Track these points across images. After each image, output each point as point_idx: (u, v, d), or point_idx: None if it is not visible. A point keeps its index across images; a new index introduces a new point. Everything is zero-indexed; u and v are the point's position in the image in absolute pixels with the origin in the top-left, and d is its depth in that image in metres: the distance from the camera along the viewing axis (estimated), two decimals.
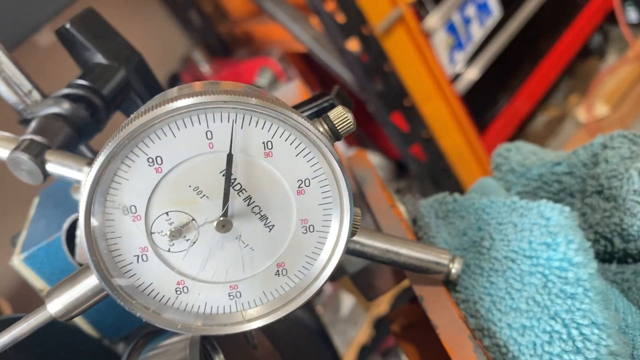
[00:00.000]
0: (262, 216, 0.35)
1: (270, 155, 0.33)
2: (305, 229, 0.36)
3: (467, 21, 2.78)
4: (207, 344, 0.40)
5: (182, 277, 0.35)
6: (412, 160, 2.47)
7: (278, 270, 0.37)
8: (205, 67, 2.67)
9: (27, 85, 0.52)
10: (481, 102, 3.19)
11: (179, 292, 0.36)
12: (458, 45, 2.80)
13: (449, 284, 0.50)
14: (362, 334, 2.54)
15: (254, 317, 0.37)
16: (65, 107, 0.51)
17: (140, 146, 0.31)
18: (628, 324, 0.43)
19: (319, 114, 0.43)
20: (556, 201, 0.55)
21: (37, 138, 0.48)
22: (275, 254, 0.36)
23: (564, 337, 0.39)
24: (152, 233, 0.34)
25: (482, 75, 3.04)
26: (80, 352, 0.54)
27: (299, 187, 0.35)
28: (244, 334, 0.47)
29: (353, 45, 2.17)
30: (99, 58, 0.56)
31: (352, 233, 0.36)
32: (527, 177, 0.57)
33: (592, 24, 3.36)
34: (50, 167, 0.48)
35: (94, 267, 0.33)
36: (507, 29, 2.97)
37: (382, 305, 2.53)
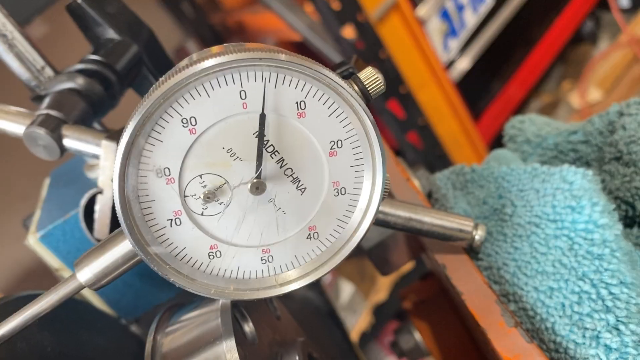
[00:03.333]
0: (294, 179, 0.35)
1: (303, 115, 0.33)
2: (337, 192, 0.36)
3: (460, 8, 2.77)
4: (236, 312, 0.39)
5: (215, 241, 0.35)
6: (408, 148, 2.47)
7: (310, 234, 0.36)
8: None
9: (40, 62, 0.52)
10: (475, 89, 3.20)
11: (211, 257, 0.35)
12: (452, 32, 2.79)
13: (471, 252, 0.50)
14: (362, 321, 2.54)
15: (287, 281, 0.37)
16: (79, 82, 0.50)
17: (175, 106, 0.31)
18: None
19: None
20: None
21: (53, 113, 0.48)
22: (307, 217, 0.36)
23: (593, 297, 0.39)
24: (185, 196, 0.33)
25: (476, 62, 3.04)
26: (97, 330, 0.53)
27: (331, 149, 0.34)
28: (268, 305, 0.47)
29: (348, 32, 2.16)
30: (111, 33, 0.55)
31: (383, 196, 0.36)
32: (543, 146, 0.57)
33: (584, 10, 3.37)
34: (67, 142, 0.47)
35: (127, 231, 0.32)
36: (500, 15, 2.97)
37: (381, 292, 2.53)
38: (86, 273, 0.36)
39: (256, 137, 0.33)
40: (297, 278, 0.37)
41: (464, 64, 2.98)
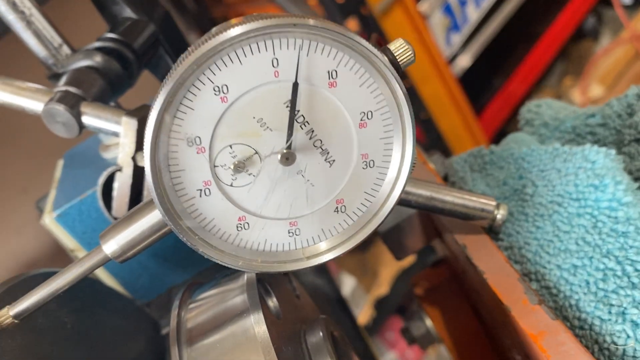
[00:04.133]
0: (323, 150, 0.34)
1: (335, 85, 0.33)
2: (366, 164, 0.35)
3: (463, 3, 2.77)
4: (260, 287, 0.39)
5: (244, 212, 0.35)
6: None
7: (337, 207, 0.36)
8: None
9: (57, 39, 0.51)
10: (477, 85, 3.20)
11: (239, 229, 0.35)
12: (454, 26, 2.79)
13: (491, 232, 0.50)
14: (364, 315, 2.54)
15: (314, 254, 0.36)
16: (97, 59, 0.50)
17: (207, 73, 0.31)
18: None
19: None
20: None
21: (72, 89, 0.48)
22: (335, 190, 0.36)
23: (619, 273, 0.39)
24: (215, 166, 0.33)
25: (478, 57, 3.04)
26: (113, 310, 0.53)
27: (361, 120, 0.34)
28: (289, 284, 0.46)
29: (352, 25, 2.16)
30: (128, 12, 0.55)
31: (412, 169, 0.36)
32: (561, 130, 0.57)
33: (586, 6, 3.37)
34: (86, 119, 0.47)
35: (158, 201, 0.32)
36: (502, 11, 2.96)
37: (383, 286, 2.54)
38: (112, 245, 0.36)
39: (287, 106, 0.33)
40: (325, 251, 0.37)
41: (466, 59, 2.98)
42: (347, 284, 2.48)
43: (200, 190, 0.34)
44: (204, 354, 0.36)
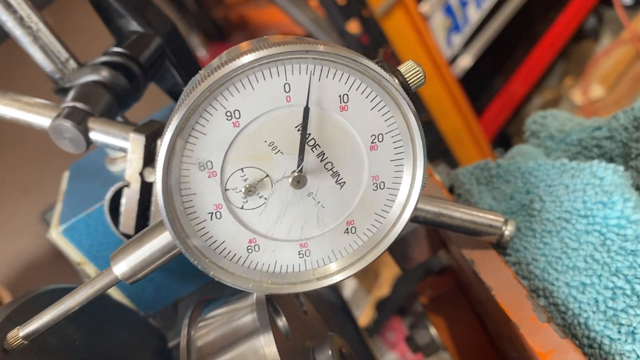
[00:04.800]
0: (334, 173, 0.34)
1: (346, 109, 0.33)
2: (376, 186, 0.35)
3: (464, 4, 2.77)
4: (269, 306, 0.39)
5: (255, 235, 0.35)
6: None
7: (347, 229, 0.36)
8: (202, 52, 2.64)
9: (64, 54, 0.51)
10: (478, 86, 3.20)
11: (250, 251, 0.35)
12: (455, 27, 2.79)
13: (498, 247, 0.50)
14: (365, 316, 2.54)
15: (324, 275, 0.37)
16: (104, 74, 0.50)
17: (220, 99, 0.31)
18: None
19: None
20: None
21: (79, 105, 0.48)
22: (345, 211, 0.36)
23: (628, 292, 0.39)
24: (226, 189, 0.33)
25: (479, 58, 3.04)
26: (120, 324, 0.53)
27: (372, 143, 0.34)
28: (296, 300, 0.46)
29: (353, 27, 2.15)
30: (134, 26, 0.55)
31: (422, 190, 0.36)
32: (567, 142, 0.57)
33: (586, 7, 3.36)
34: (94, 135, 0.47)
35: (169, 224, 0.32)
36: (503, 12, 2.96)
37: (384, 288, 2.54)
38: (122, 266, 0.36)
39: (298, 130, 0.33)
40: (335, 272, 0.37)
41: (466, 60, 2.98)
42: (348, 285, 2.49)
43: (212, 213, 0.34)
44: None
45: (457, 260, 0.57)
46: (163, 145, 0.30)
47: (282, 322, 0.40)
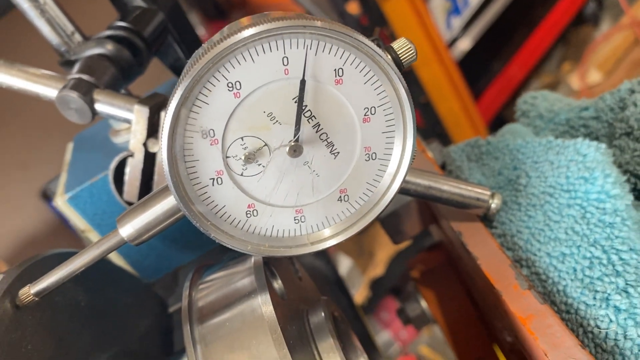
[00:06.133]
0: (328, 143, 0.37)
1: (340, 82, 0.35)
2: (368, 157, 0.37)
3: None
4: (266, 270, 0.41)
5: (253, 200, 0.37)
6: None
7: (340, 196, 0.38)
8: (201, 30, 2.64)
9: (69, 27, 0.53)
10: (476, 69, 3.19)
11: (249, 215, 0.37)
12: (455, 10, 2.78)
13: (485, 220, 0.52)
14: (359, 295, 2.58)
15: (318, 239, 0.39)
16: (109, 47, 0.52)
17: (222, 70, 0.33)
18: None
19: None
20: None
21: (85, 77, 0.49)
22: (338, 180, 0.38)
23: (604, 262, 0.42)
24: (227, 157, 0.35)
25: (478, 41, 3.03)
26: (123, 289, 0.56)
27: (364, 115, 0.36)
28: (291, 266, 0.49)
29: (353, 7, 2.15)
30: (138, 1, 0.56)
31: (412, 162, 0.38)
32: (555, 122, 0.59)
33: None
34: (99, 106, 0.49)
35: (173, 189, 0.34)
36: None
37: (379, 267, 2.57)
38: (128, 228, 0.38)
39: (295, 102, 0.34)
40: (328, 237, 0.39)
41: (466, 43, 2.98)
42: (344, 265, 2.52)
43: (213, 179, 0.36)
44: (213, 331, 0.38)
45: (446, 233, 0.59)
46: (168, 114, 0.32)
47: (278, 284, 0.43)
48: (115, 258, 0.60)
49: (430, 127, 2.54)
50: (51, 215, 3.09)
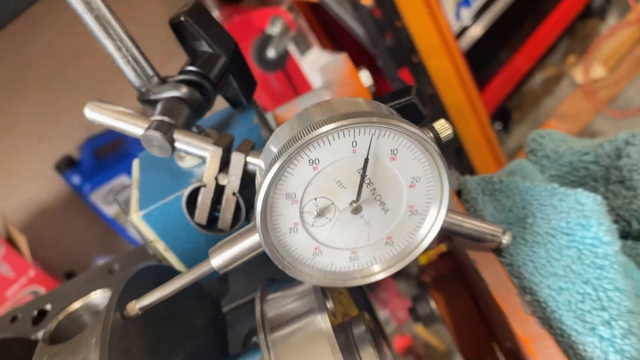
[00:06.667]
0: (380, 202, 0.46)
1: (395, 159, 0.44)
2: (411, 213, 0.47)
3: None
4: (321, 292, 0.51)
5: (319, 244, 0.47)
6: None
7: (387, 242, 0.48)
8: (215, 13, 2.70)
9: (150, 72, 0.62)
10: (483, 59, 3.26)
11: (315, 255, 0.47)
12: (465, 1, 2.84)
13: (496, 250, 0.62)
14: None
15: (367, 274, 0.49)
16: (183, 91, 0.61)
17: (306, 152, 0.42)
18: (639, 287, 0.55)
19: (401, 110, 0.54)
20: (582, 184, 0.67)
21: (166, 119, 0.58)
22: (386, 229, 0.48)
23: (593, 297, 0.52)
24: (303, 212, 0.45)
25: (485, 32, 3.09)
26: (187, 292, 0.66)
27: (411, 182, 0.46)
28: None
29: None
30: (205, 46, 0.65)
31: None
32: (560, 163, 0.68)
33: None
34: (178, 144, 0.58)
35: (262, 236, 0.44)
36: None
37: None
38: (218, 260, 0.48)
39: (359, 172, 0.44)
40: (376, 273, 0.49)
41: (474, 34, 3.03)
42: None
43: (291, 228, 0.45)
44: (282, 340, 0.49)
45: (460, 254, 0.69)
46: (263, 186, 0.42)
47: (329, 304, 0.53)
48: (176, 263, 0.70)
49: (436, 117, 2.60)
50: (64, 186, 3.18)
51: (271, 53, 2.42)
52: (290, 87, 2.96)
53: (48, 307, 0.84)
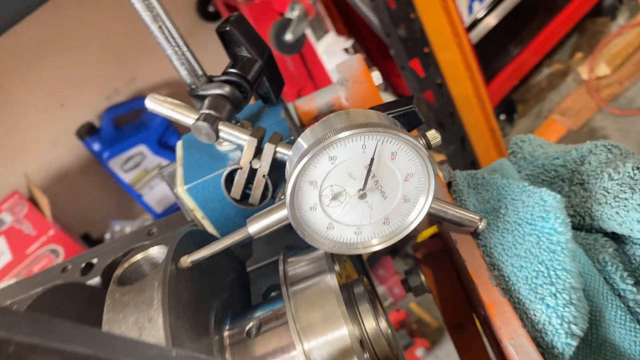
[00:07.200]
0: (381, 191, 0.60)
1: (394, 159, 0.58)
2: (405, 200, 0.61)
3: None
4: (331, 256, 0.66)
5: (332, 220, 0.61)
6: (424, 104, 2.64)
7: (385, 221, 0.62)
8: None
9: (199, 71, 0.75)
10: (492, 52, 3.35)
11: (328, 229, 0.61)
12: None
13: (474, 234, 0.76)
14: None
15: (367, 246, 0.63)
16: (226, 89, 0.74)
17: (327, 150, 0.56)
18: (585, 271, 0.69)
19: (401, 118, 0.67)
20: (551, 184, 0.80)
21: (212, 112, 0.72)
22: (385, 212, 0.61)
23: (545, 275, 0.66)
24: (321, 196, 0.59)
25: (496, 25, 3.18)
26: (220, 254, 0.80)
27: (405, 177, 0.59)
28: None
29: None
30: (244, 52, 0.78)
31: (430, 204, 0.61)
32: (534, 164, 0.82)
33: None
34: (222, 134, 0.72)
35: (289, 212, 0.58)
36: None
37: None
38: (254, 227, 0.62)
39: (366, 168, 0.58)
40: (374, 244, 0.63)
41: (485, 26, 3.12)
42: None
43: (311, 207, 0.59)
44: (299, 293, 0.63)
45: (445, 236, 0.83)
46: (294, 174, 0.55)
47: (336, 266, 0.67)
48: (212, 230, 0.84)
49: (443, 107, 2.70)
50: (85, 152, 3.33)
51: (289, 36, 2.53)
52: (305, 69, 3.07)
53: (94, 260, 0.99)
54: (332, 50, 2.76)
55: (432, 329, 2.90)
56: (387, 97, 2.93)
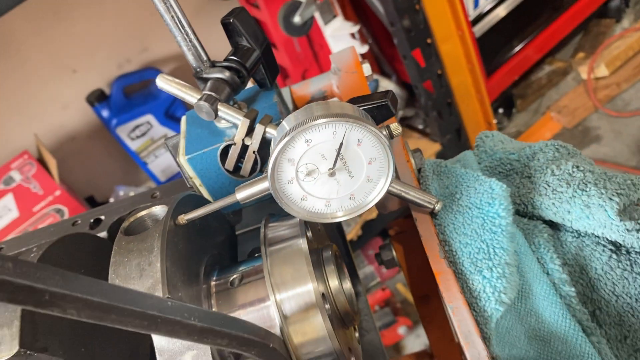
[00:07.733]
0: (348, 171, 0.72)
1: (360, 145, 0.69)
2: (368, 180, 0.73)
3: None
4: (304, 224, 0.78)
5: (306, 193, 0.72)
6: (423, 93, 2.74)
7: (350, 197, 0.74)
8: None
9: (204, 56, 0.86)
10: (495, 46, 3.43)
11: (302, 200, 0.73)
12: None
13: (432, 214, 0.87)
14: (352, 232, 2.96)
15: (334, 217, 0.75)
16: (226, 74, 0.85)
17: (303, 134, 0.67)
18: (521, 251, 0.81)
19: (376, 109, 0.78)
20: (506, 176, 0.92)
21: (213, 94, 0.83)
22: (351, 189, 0.73)
23: (485, 251, 0.78)
24: (297, 171, 0.70)
25: (501, 20, 3.25)
26: (212, 216, 0.92)
27: (369, 161, 0.71)
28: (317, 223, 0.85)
29: None
30: (244, 42, 0.89)
31: (390, 185, 0.73)
32: (493, 158, 0.93)
33: None
34: (220, 113, 0.83)
35: (271, 185, 0.70)
36: None
37: (374, 212, 2.96)
38: (241, 194, 0.74)
39: (336, 150, 0.69)
40: (340, 216, 0.75)
41: (489, 21, 3.20)
42: None
43: (288, 181, 0.71)
44: (276, 252, 0.75)
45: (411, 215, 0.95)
46: (274, 154, 0.67)
47: (309, 233, 0.79)
48: (207, 195, 0.96)
49: (442, 97, 2.79)
50: (94, 118, 3.44)
51: (297, 19, 2.62)
52: (311, 51, 3.15)
53: (102, 217, 1.11)
54: (339, 35, 2.85)
55: (415, 309, 3.03)
56: (389, 85, 3.01)
